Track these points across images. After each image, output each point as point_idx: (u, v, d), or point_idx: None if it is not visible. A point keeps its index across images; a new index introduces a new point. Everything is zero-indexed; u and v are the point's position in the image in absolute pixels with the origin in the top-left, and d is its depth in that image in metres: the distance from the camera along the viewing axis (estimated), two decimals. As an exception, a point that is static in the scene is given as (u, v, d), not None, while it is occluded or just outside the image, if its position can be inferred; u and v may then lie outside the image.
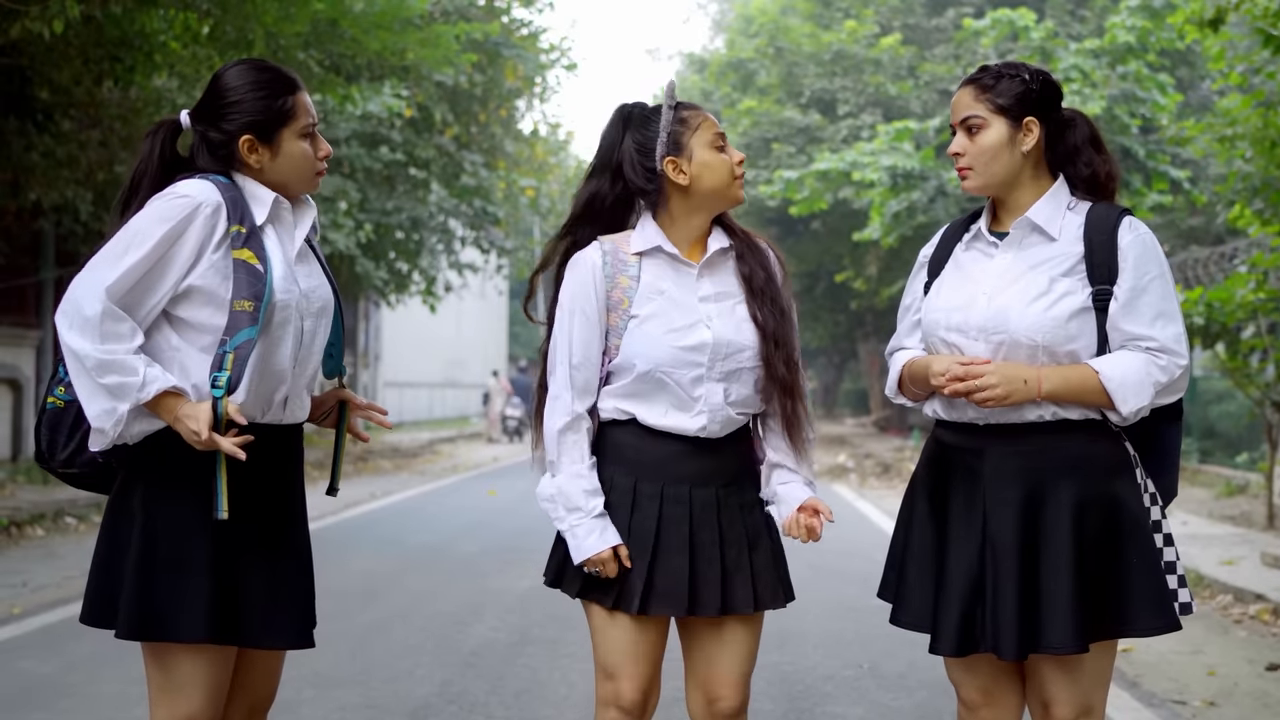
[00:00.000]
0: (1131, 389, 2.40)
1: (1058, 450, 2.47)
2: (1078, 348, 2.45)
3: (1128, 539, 2.46)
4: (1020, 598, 2.42)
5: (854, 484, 15.03)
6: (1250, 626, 6.23)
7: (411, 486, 14.28)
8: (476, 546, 8.90)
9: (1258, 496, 11.63)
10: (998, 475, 2.48)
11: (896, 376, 2.68)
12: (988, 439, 2.50)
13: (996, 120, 2.51)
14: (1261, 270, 9.86)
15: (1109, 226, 2.47)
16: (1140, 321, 2.44)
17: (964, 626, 2.46)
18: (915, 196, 16.51)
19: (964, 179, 2.57)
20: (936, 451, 2.62)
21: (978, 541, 2.48)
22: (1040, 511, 2.45)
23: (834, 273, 24.36)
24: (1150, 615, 2.44)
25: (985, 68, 2.59)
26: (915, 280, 2.72)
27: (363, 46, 11.43)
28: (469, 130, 18.01)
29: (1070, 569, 2.41)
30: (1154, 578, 2.45)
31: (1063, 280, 2.46)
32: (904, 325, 2.73)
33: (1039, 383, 2.41)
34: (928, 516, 2.58)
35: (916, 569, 2.57)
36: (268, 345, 2.40)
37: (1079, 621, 2.40)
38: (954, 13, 21.70)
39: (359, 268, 16.16)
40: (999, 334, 2.46)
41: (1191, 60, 19.23)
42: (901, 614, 2.61)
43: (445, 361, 33.45)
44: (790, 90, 22.27)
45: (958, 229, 2.68)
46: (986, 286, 2.51)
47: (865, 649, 5.36)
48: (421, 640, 5.61)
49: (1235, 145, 10.62)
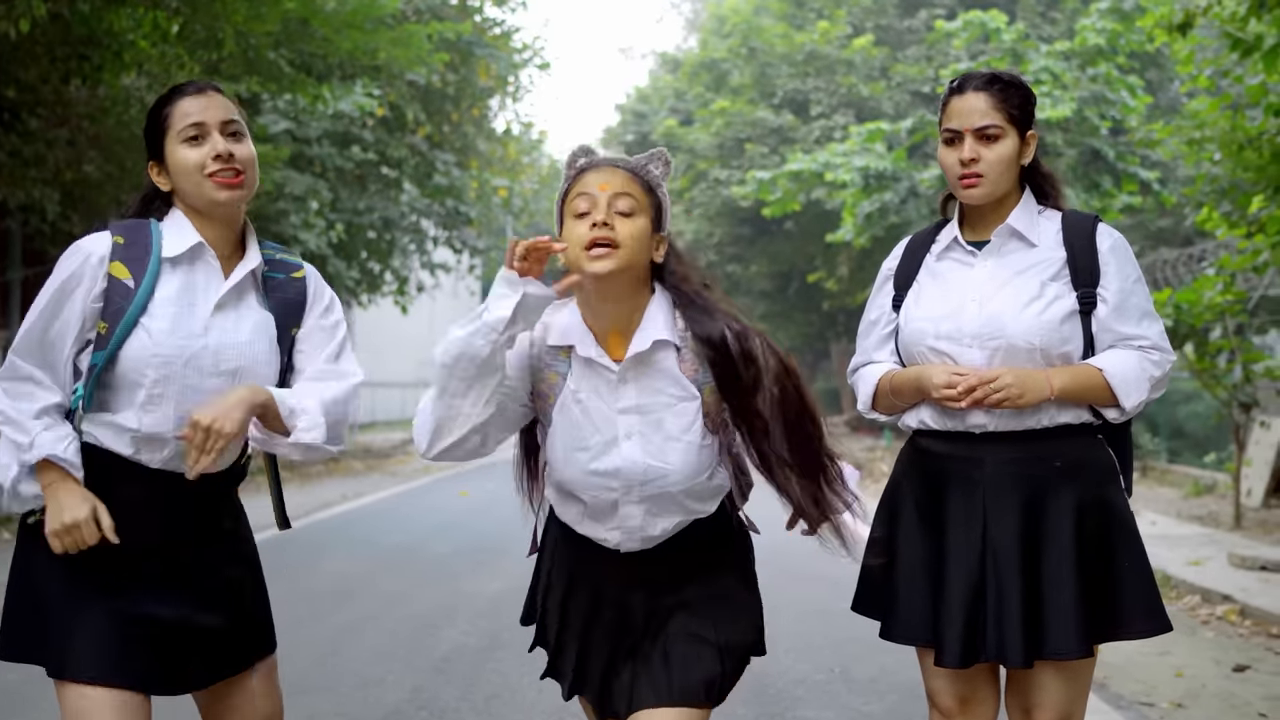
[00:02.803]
0: (1133, 384, 2.47)
1: (1056, 455, 2.50)
2: (1070, 349, 2.50)
3: (1120, 542, 2.51)
4: (1025, 604, 2.43)
5: (826, 484, 15.02)
6: (1218, 627, 6.27)
7: (383, 487, 14.21)
8: (448, 548, 8.86)
9: (1225, 496, 11.73)
10: (998, 482, 2.48)
11: (871, 391, 2.66)
12: (986, 447, 2.50)
13: (1010, 131, 2.52)
14: (1229, 273, 9.95)
15: (1087, 232, 2.54)
16: (1130, 321, 2.51)
17: (968, 637, 2.45)
18: (887, 197, 16.56)
19: (972, 187, 2.52)
20: (922, 462, 2.61)
21: (978, 550, 2.48)
22: (1042, 516, 2.47)
23: (806, 273, 24.40)
24: (1143, 618, 2.49)
25: (995, 75, 2.56)
26: (880, 295, 2.70)
27: (334, 46, 11.37)
28: (441, 130, 17.93)
29: (1073, 573, 2.44)
30: (1144, 580, 2.51)
31: (1052, 285, 2.50)
32: (870, 340, 2.71)
33: (1050, 381, 2.44)
34: (918, 528, 2.56)
35: (909, 582, 2.55)
36: (128, 398, 2.29)
37: (1082, 626, 2.42)
38: (926, 14, 21.78)
39: (330, 268, 16.04)
40: (995, 339, 2.47)
41: (1160, 62, 19.38)
42: (895, 629, 2.58)
43: (418, 361, 33.31)
44: (763, 90, 22.30)
45: (922, 242, 2.68)
46: (974, 293, 2.52)
47: (837, 653, 5.37)
48: (393, 645, 5.58)
49: (1203, 148, 10.70)
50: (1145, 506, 10.98)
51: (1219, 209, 10.68)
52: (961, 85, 2.57)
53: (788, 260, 25.39)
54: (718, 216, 24.31)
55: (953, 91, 2.58)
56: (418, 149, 17.11)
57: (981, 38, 17.32)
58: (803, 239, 23.20)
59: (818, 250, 22.53)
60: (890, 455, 16.99)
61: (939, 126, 2.60)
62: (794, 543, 2.63)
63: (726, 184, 22.16)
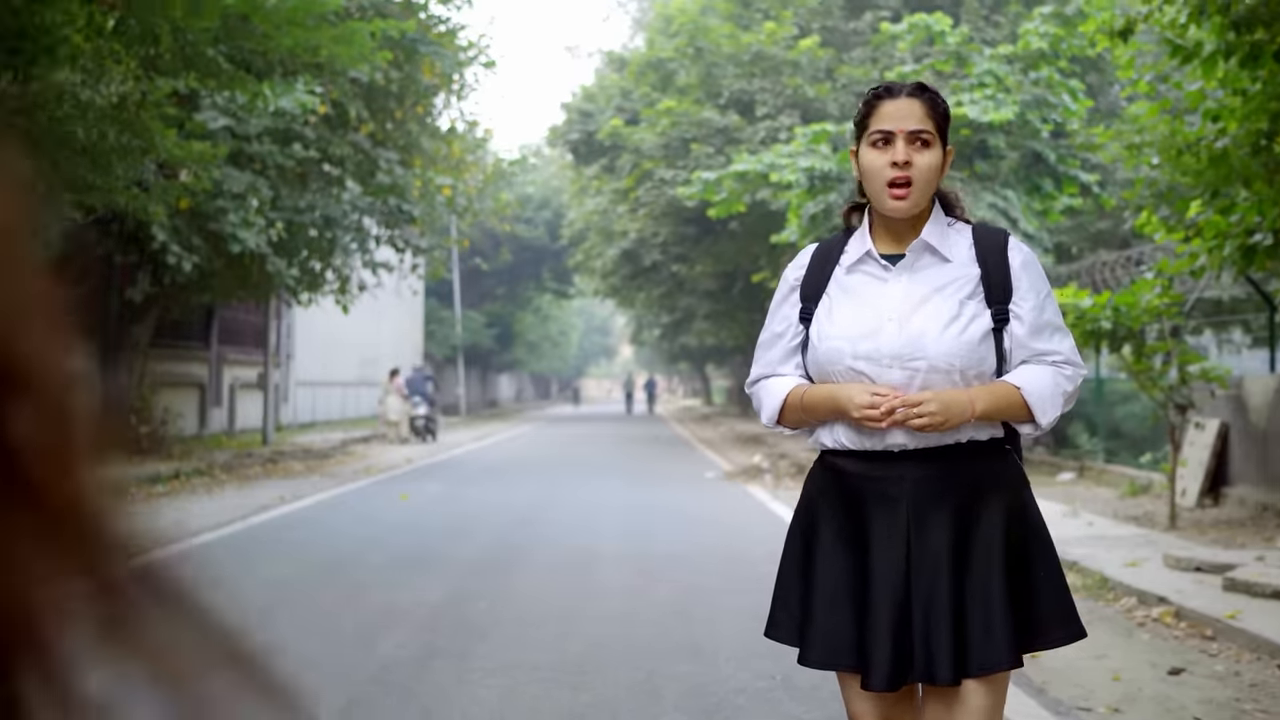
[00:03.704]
0: (1049, 402, 2.48)
1: (976, 470, 2.48)
2: (987, 369, 2.49)
3: (1036, 551, 2.50)
4: (953, 620, 2.40)
5: (769, 485, 15.07)
6: (1154, 629, 6.32)
7: (323, 489, 14.03)
8: (386, 554, 8.75)
9: (1160, 496, 11.89)
10: (921, 499, 2.45)
11: (779, 405, 2.60)
12: (905, 465, 2.47)
13: (937, 141, 2.50)
14: (1167, 276, 10.07)
15: (999, 248, 2.53)
16: (1043, 337, 2.52)
17: (896, 658, 2.42)
18: (832, 199, 16.60)
19: (901, 199, 2.46)
20: (835, 482, 2.55)
21: (903, 568, 2.44)
22: (972, 528, 2.45)
23: (750, 273, 24.46)
24: (1059, 626, 2.49)
25: (922, 85, 2.53)
26: (786, 306, 2.64)
27: (275, 42, 11.22)
28: (385, 127, 17.76)
29: (1002, 584, 2.42)
30: (1059, 588, 2.50)
31: (969, 303, 2.48)
32: (775, 352, 2.65)
33: (972, 404, 2.42)
34: (835, 549, 2.52)
35: (830, 605, 2.49)
36: None
37: (1012, 638, 2.40)
38: (871, 16, 21.89)
39: (270, 266, 15.85)
40: (916, 360, 2.44)
41: (1101, 67, 19.61)
42: (812, 654, 2.52)
43: (360, 360, 33.05)
44: (709, 90, 22.31)
45: (829, 252, 2.62)
46: (892, 311, 2.48)
47: (777, 660, 5.32)
48: (327, 657, 5.48)
49: (1142, 152, 10.83)
50: (1083, 507, 11.10)
51: (1158, 213, 10.81)
52: (891, 90, 2.52)
53: (732, 260, 25.44)
54: (663, 216, 24.31)
55: (881, 96, 2.52)
56: (360, 147, 16.94)
57: (926, 40, 17.42)
58: (747, 239, 23.24)
59: (762, 251, 22.58)
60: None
61: (862, 131, 2.53)
62: (735, 549, 2.59)
63: (672, 184, 22.14)
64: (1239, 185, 9.42)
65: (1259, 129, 9.04)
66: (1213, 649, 5.84)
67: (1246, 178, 9.29)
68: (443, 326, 42.84)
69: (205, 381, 21.70)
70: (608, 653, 5.55)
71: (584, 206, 29.80)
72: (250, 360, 23.31)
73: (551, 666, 5.27)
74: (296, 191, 16.45)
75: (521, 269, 47.70)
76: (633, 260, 28.09)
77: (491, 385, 57.81)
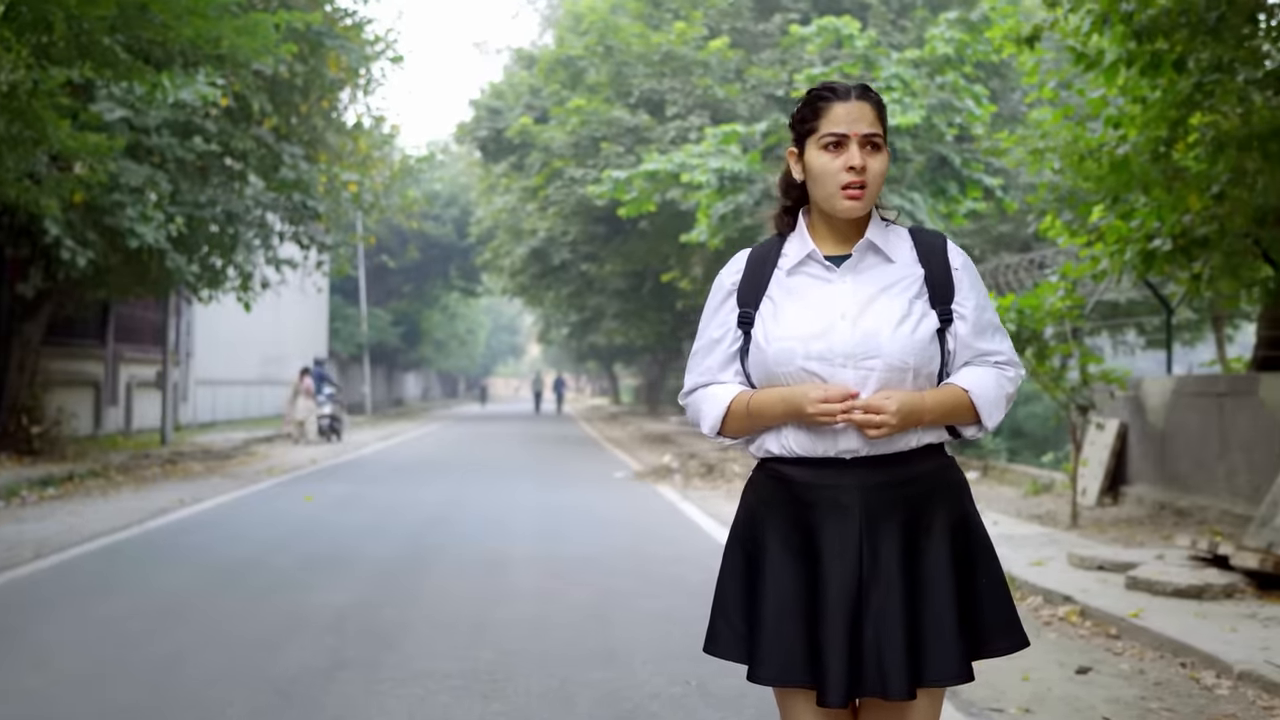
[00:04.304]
0: (994, 404, 2.49)
1: (925, 476, 2.46)
2: (935, 368, 2.47)
3: (980, 559, 2.48)
4: (906, 630, 2.35)
5: (678, 485, 15.07)
6: (1060, 629, 6.41)
7: (224, 491, 13.69)
8: (290, 558, 8.54)
9: (1062, 495, 12.13)
10: (873, 507, 2.41)
11: (722, 413, 2.53)
12: (856, 472, 2.43)
13: (885, 146, 2.48)
14: (1071, 280, 10.25)
15: (940, 250, 2.53)
16: (985, 337, 2.52)
17: (850, 672, 2.35)
18: (742, 199, 16.67)
19: (855, 199, 2.44)
20: (781, 490, 2.49)
21: (855, 578, 2.38)
22: (919, 537, 2.42)
23: (660, 273, 24.48)
24: (1003, 635, 2.47)
25: (867, 88, 2.50)
26: (723, 311, 2.58)
27: (174, 32, 10.90)
28: (289, 122, 17.39)
29: (952, 595, 2.39)
30: (1002, 596, 2.49)
31: (917, 302, 2.47)
32: (713, 359, 2.58)
33: (925, 410, 2.41)
34: (784, 560, 2.44)
35: (780, 619, 2.41)
36: None
37: (964, 650, 2.37)
38: (781, 18, 22.03)
39: (169, 262, 15.42)
40: (871, 359, 2.41)
41: (1003, 73, 19.98)
42: (764, 670, 2.42)
43: (263, 359, 32.42)
44: (619, 90, 22.26)
45: (765, 255, 2.57)
46: (841, 311, 2.44)
47: (694, 664, 5.28)
48: (230, 667, 5.30)
49: (1045, 157, 11.02)
50: (988, 506, 11.26)
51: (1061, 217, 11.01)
52: (839, 91, 2.48)
53: (642, 260, 25.44)
54: (573, 215, 24.22)
55: (828, 97, 2.48)
56: (264, 141, 16.56)
57: (835, 43, 17.57)
58: (657, 239, 23.25)
59: (672, 250, 22.61)
60: (742, 455, 17.11)
61: (807, 133, 2.49)
62: (647, 550, 2.52)
63: (582, 183, 22.06)
64: (1139, 191, 9.63)
65: (1158, 136, 9.24)
66: (1118, 647, 5.93)
67: (1146, 184, 9.50)
68: (348, 324, 42.23)
69: (101, 380, 21.10)
70: (520, 659, 5.46)
71: (492, 204, 29.57)
72: (148, 358, 22.72)
73: (462, 675, 5.16)
74: (197, 186, 16.03)
75: (429, 266, 47.22)
76: (542, 259, 27.94)
77: (398, 384, 57.19)
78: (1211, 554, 7.29)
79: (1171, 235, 9.20)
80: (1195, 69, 8.62)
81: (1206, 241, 9.14)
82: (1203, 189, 9.08)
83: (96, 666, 5.30)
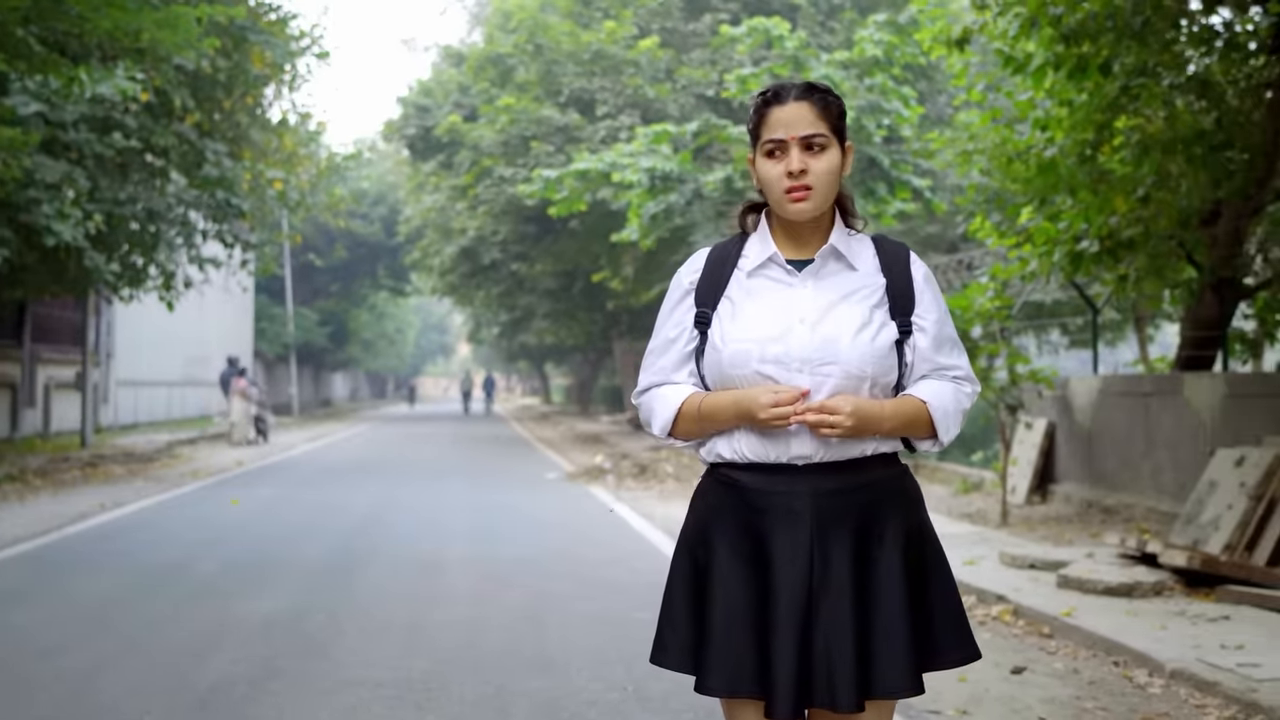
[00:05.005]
0: (951, 417, 2.45)
1: (879, 484, 2.41)
2: (892, 379, 2.43)
3: (933, 570, 2.44)
4: (856, 641, 2.31)
5: (611, 485, 15.01)
6: (994, 628, 6.44)
7: (146, 495, 13.38)
8: (216, 564, 8.34)
9: (992, 494, 12.25)
10: (825, 514, 2.36)
11: (673, 415, 2.47)
12: (808, 478, 2.37)
13: (833, 143, 2.43)
14: (1000, 281, 10.35)
15: (903, 260, 2.49)
16: (944, 351, 2.49)
17: (799, 683, 2.30)
18: (673, 199, 16.64)
19: (802, 200, 2.39)
20: (732, 496, 2.43)
21: (806, 588, 2.33)
22: (871, 546, 2.37)
23: (591, 272, 24.39)
24: (955, 647, 2.42)
25: (812, 85, 2.45)
26: (679, 310, 2.52)
27: (91, 25, 10.62)
28: (212, 118, 17.04)
29: (905, 606, 2.34)
30: (955, 608, 2.45)
31: (878, 311, 2.43)
32: (668, 359, 2.52)
33: (882, 418, 2.36)
34: (733, 568, 2.39)
35: (729, 628, 2.35)
36: None
37: (915, 663, 2.33)
38: (711, 18, 22.04)
39: (88, 261, 15.02)
40: (828, 365, 2.36)
41: (930, 75, 20.16)
42: (713, 680, 2.36)
43: (186, 359, 31.81)
44: (549, 88, 22.14)
45: (725, 255, 2.52)
46: (801, 316, 2.40)
47: (629, 669, 5.23)
48: (152, 678, 5.14)
49: (974, 159, 11.12)
50: (920, 505, 11.35)
51: (990, 219, 11.11)
52: (780, 95, 2.43)
53: (572, 259, 25.32)
54: (502, 214, 24.03)
55: (769, 102, 2.43)
56: (186, 137, 16.20)
57: (765, 44, 17.60)
58: (588, 238, 23.16)
59: (603, 250, 22.53)
60: (674, 456, 17.09)
61: (756, 140, 2.45)
62: (581, 552, 2.45)
63: (512, 181, 21.90)
64: (1066, 193, 9.74)
65: (1085, 139, 9.36)
66: (1051, 646, 5.97)
67: (1073, 186, 9.61)
68: (274, 324, 41.60)
69: (17, 381, 20.56)
70: (455, 667, 5.36)
71: (421, 203, 29.27)
72: (67, 359, 22.17)
73: (395, 684, 5.05)
74: (117, 183, 15.64)
75: (357, 265, 46.68)
76: (471, 258, 27.70)
77: (325, 384, 56.50)
78: (1140, 552, 7.38)
79: (1099, 237, 9.32)
80: (1121, 73, 8.73)
81: (1132, 243, 9.27)
82: (1129, 191, 9.21)
83: (12, 678, 5.12)
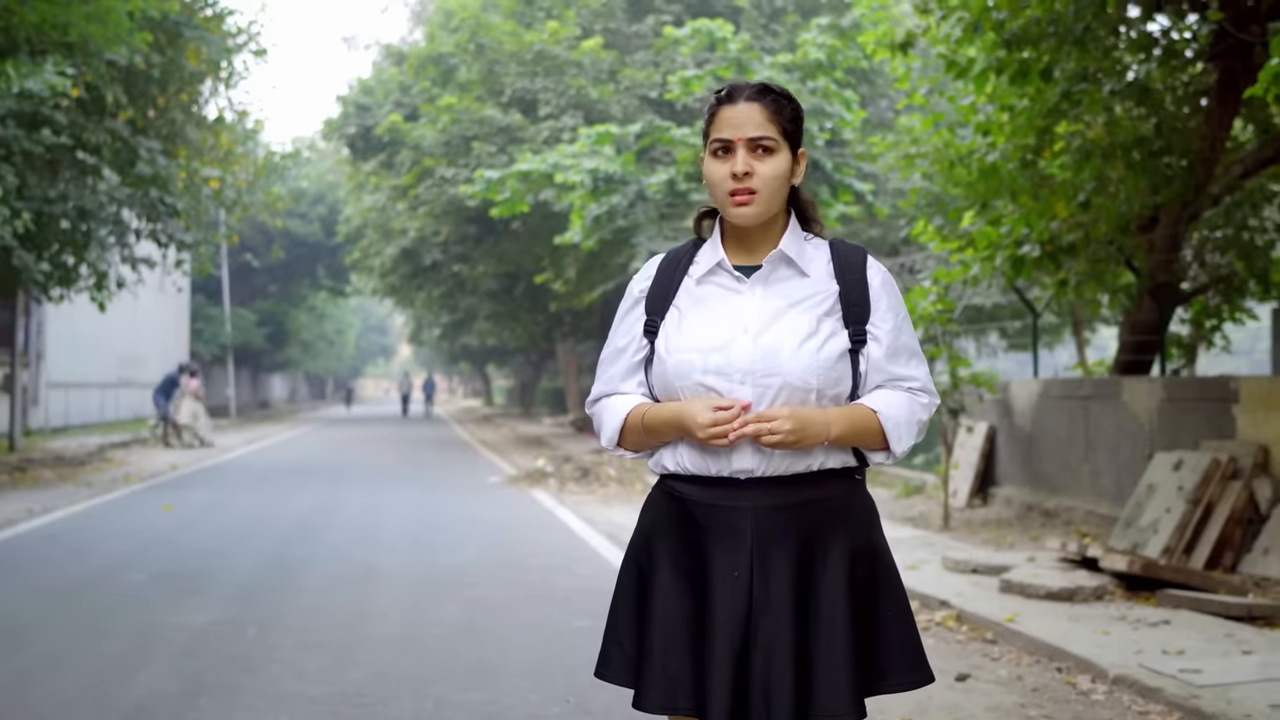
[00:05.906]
0: (905, 429, 2.37)
1: (825, 500, 2.33)
2: (843, 390, 2.34)
3: (883, 589, 2.37)
4: (795, 662, 2.23)
5: (554, 489, 14.89)
6: (937, 634, 6.41)
7: (76, 500, 13.05)
8: (145, 574, 8.11)
9: (934, 497, 12.29)
10: (767, 531, 2.29)
11: (619, 426, 2.41)
12: (752, 493, 2.30)
13: (783, 146, 2.35)
14: (942, 284, 10.38)
15: (858, 265, 2.41)
16: (900, 361, 2.40)
17: (734, 702, 2.23)
18: (615, 201, 16.56)
19: (744, 205, 2.32)
20: (675, 509, 2.37)
21: (744, 606, 2.26)
22: (815, 565, 2.29)
23: (533, 274, 24.24)
24: (906, 669, 2.36)
25: (766, 86, 2.37)
26: (630, 318, 2.46)
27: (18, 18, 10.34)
28: (146, 115, 16.69)
29: (848, 625, 2.27)
30: (907, 628, 2.38)
31: (827, 320, 2.34)
32: (617, 368, 2.46)
33: (828, 425, 2.28)
34: (674, 583, 2.32)
35: (668, 644, 2.29)
36: None
37: (856, 685, 2.25)
38: (654, 20, 21.99)
39: (16, 260, 14.65)
40: (771, 376, 2.28)
41: (872, 79, 20.25)
42: (647, 696, 2.30)
43: (120, 360, 31.22)
44: (491, 88, 21.97)
45: (676, 262, 2.46)
46: (745, 324, 2.32)
47: (571, 680, 5.13)
48: (76, 694, 4.96)
49: (916, 163, 11.15)
50: (862, 509, 11.35)
51: (932, 223, 11.14)
52: (732, 95, 2.36)
53: (515, 261, 25.16)
54: (444, 215, 23.80)
55: (721, 101, 2.36)
56: (118, 134, 15.85)
57: (708, 46, 17.58)
58: (530, 240, 23.02)
59: (545, 251, 22.40)
60: (617, 460, 17.01)
61: (705, 139, 2.38)
62: (522, 559, 2.36)
63: (453, 182, 21.69)
64: (1008, 198, 9.78)
65: (1026, 144, 9.40)
66: (995, 653, 5.95)
67: (1014, 191, 9.66)
68: (211, 324, 40.97)
69: (-58, 384, 20.04)
70: (391, 681, 5.23)
71: (361, 203, 28.93)
72: (-6, 360, 21.66)
73: (330, 699, 4.91)
74: (46, 180, 15.27)
75: (295, 266, 46.11)
76: (412, 259, 27.42)
77: (263, 386, 55.78)
78: (1081, 556, 7.41)
79: (1040, 242, 9.37)
80: (1062, 78, 8.78)
81: (1073, 248, 9.33)
82: (1069, 197, 9.26)
83: (-73, 698, 4.91)
